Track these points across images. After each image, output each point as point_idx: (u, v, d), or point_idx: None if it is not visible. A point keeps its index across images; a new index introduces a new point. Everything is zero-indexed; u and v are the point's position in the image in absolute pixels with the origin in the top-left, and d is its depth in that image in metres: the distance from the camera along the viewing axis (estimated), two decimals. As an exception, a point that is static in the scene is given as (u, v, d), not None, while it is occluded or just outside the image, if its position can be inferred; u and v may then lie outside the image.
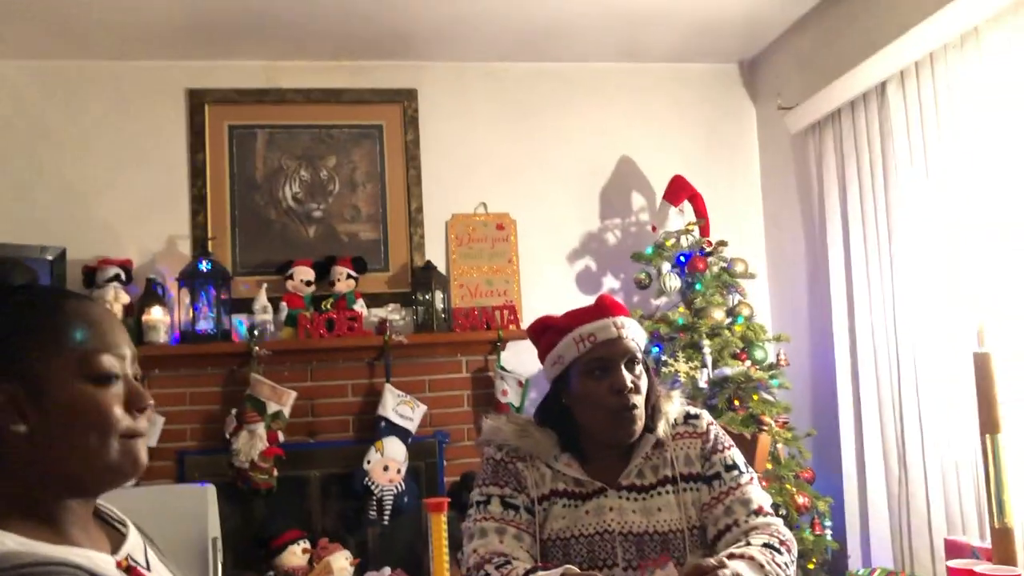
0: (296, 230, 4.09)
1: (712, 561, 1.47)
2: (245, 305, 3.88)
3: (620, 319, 1.77)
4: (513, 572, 1.59)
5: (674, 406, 1.84)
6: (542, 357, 1.85)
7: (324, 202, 4.12)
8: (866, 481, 3.48)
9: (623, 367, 1.74)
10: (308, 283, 3.91)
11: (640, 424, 1.75)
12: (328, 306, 3.89)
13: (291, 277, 3.91)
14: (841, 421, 3.62)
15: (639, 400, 1.74)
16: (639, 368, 1.77)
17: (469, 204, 4.24)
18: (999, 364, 2.40)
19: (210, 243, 3.90)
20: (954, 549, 2.62)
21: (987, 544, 2.53)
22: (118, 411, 1.03)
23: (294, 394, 3.76)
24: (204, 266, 3.75)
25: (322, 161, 4.13)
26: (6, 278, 1.07)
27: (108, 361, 1.03)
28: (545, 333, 1.84)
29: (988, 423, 2.38)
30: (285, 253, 4.01)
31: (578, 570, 1.53)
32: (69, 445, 1.00)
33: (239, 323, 3.87)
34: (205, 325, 3.75)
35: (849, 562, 3.54)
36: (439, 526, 1.22)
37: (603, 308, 1.80)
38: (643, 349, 1.82)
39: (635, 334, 1.79)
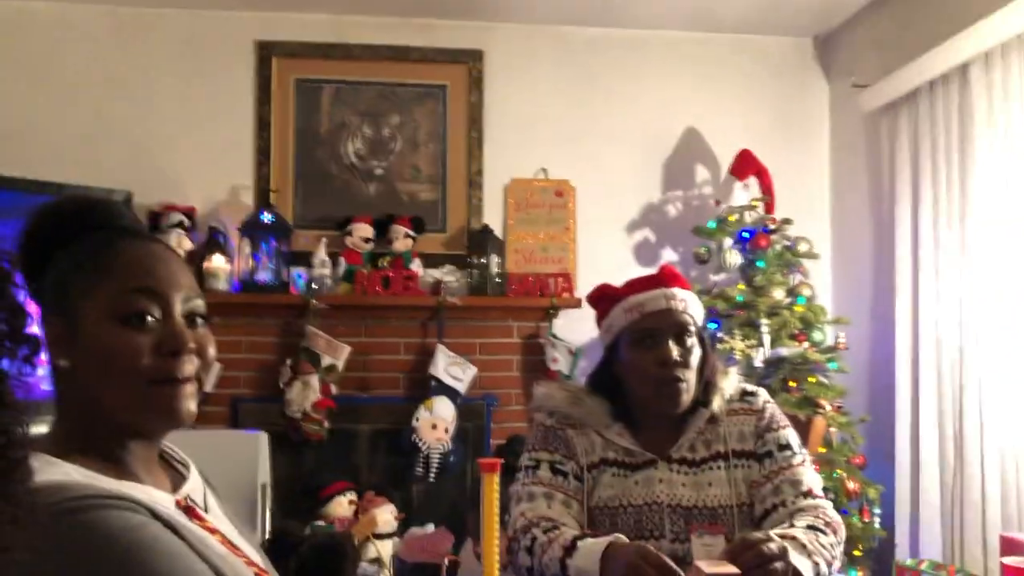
0: (357, 187, 4.10)
1: (760, 535, 1.45)
2: (304, 258, 3.92)
3: (674, 291, 1.76)
4: (561, 537, 1.59)
5: (731, 382, 1.83)
6: (597, 324, 1.85)
7: (385, 160, 4.12)
8: (919, 470, 3.41)
9: (671, 340, 1.72)
10: (367, 240, 3.93)
11: (687, 397, 1.74)
12: (385, 264, 3.91)
13: (350, 233, 3.93)
14: (897, 408, 3.55)
15: (686, 374, 1.72)
16: (691, 341, 1.75)
17: (529, 169, 4.21)
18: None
19: (272, 195, 3.94)
20: (1009, 546, 2.57)
21: (1044, 543, 2.47)
22: (145, 354, 0.99)
23: (348, 348, 3.80)
24: (266, 218, 3.79)
25: (385, 119, 4.13)
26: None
27: (140, 301, 0.99)
28: (601, 301, 1.85)
29: (1056, 420, 2.30)
30: (345, 209, 4.03)
31: (627, 539, 1.53)
32: (101, 386, 0.99)
33: (298, 276, 3.90)
34: (264, 276, 3.80)
35: (897, 551, 3.48)
36: (491, 486, 1.22)
37: (659, 279, 1.79)
38: (699, 323, 1.80)
39: (690, 307, 1.78)
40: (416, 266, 3.95)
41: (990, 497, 3.06)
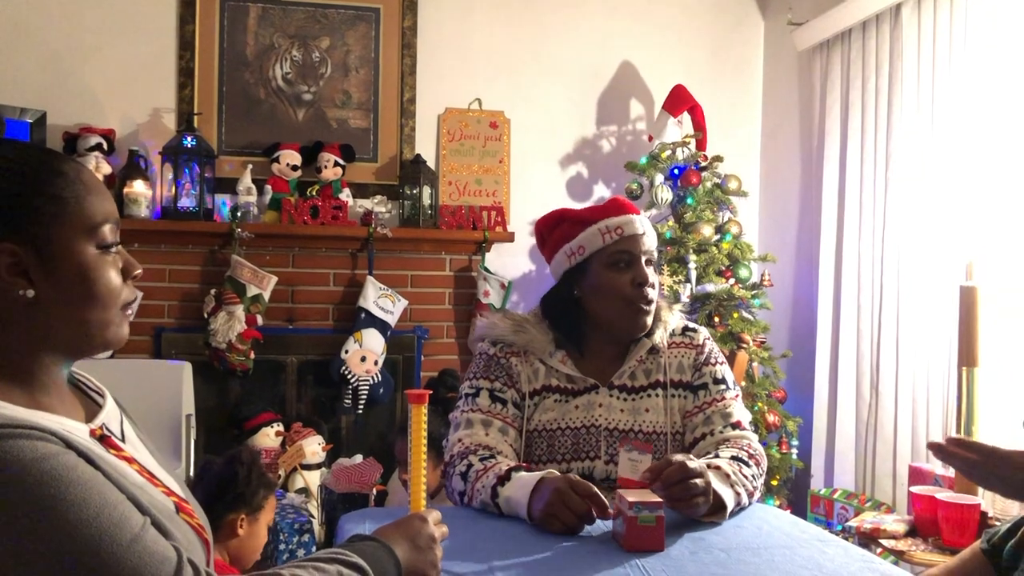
0: (285, 112, 3.98)
1: (684, 460, 1.47)
2: (228, 185, 3.81)
3: (644, 218, 1.82)
4: (496, 467, 1.60)
5: (674, 317, 1.89)
6: (554, 248, 1.84)
7: (315, 85, 4.00)
8: (836, 405, 3.53)
9: (644, 263, 1.78)
10: (294, 167, 3.84)
11: (650, 320, 1.79)
12: (313, 192, 3.83)
13: (277, 160, 3.83)
14: (818, 344, 3.66)
15: (655, 296, 1.79)
16: (655, 268, 1.81)
17: (463, 99, 4.13)
18: (984, 299, 2.40)
19: (196, 119, 3.80)
20: (918, 476, 2.68)
21: (950, 473, 2.59)
22: (118, 280, 1.03)
23: (275, 279, 3.73)
24: (189, 142, 3.66)
25: (315, 42, 4.00)
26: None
27: (111, 229, 1.02)
28: (561, 224, 1.84)
29: (967, 356, 2.40)
30: (272, 135, 3.92)
31: (558, 472, 1.54)
32: (74, 312, 0.99)
33: (222, 203, 3.80)
34: (187, 202, 3.68)
35: (812, 481, 3.62)
36: (419, 417, 1.21)
37: (621, 207, 1.82)
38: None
39: (653, 238, 1.83)
40: (346, 196, 3.87)
41: (901, 430, 3.19)
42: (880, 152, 3.38)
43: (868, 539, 2.47)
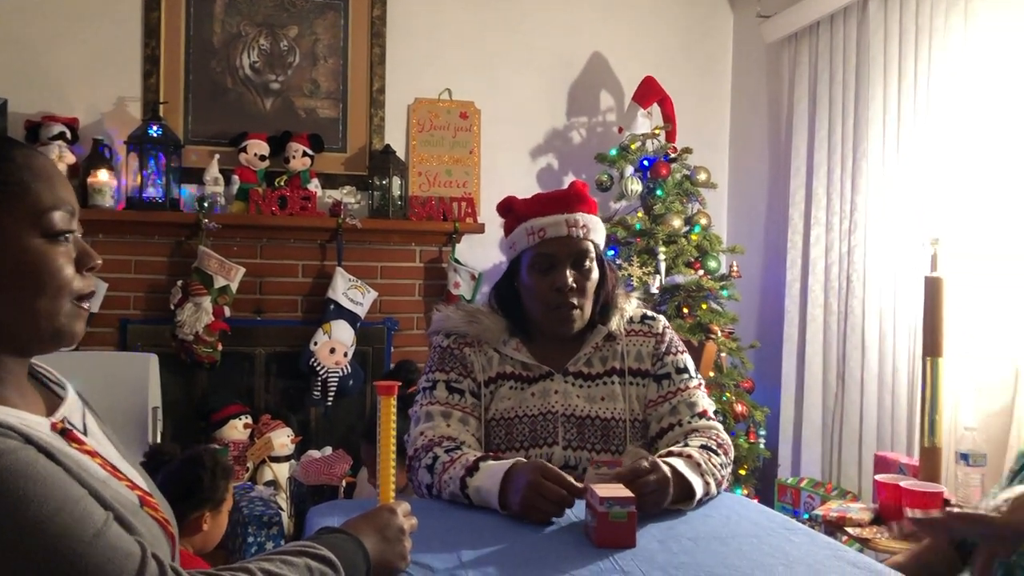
0: (252, 101, 3.94)
1: (646, 463, 1.49)
2: (195, 175, 3.76)
3: (576, 216, 1.76)
4: (463, 457, 1.60)
5: (631, 305, 1.88)
6: (505, 235, 1.85)
7: (283, 74, 3.96)
8: (803, 394, 3.57)
9: (569, 266, 1.74)
10: (262, 157, 3.80)
11: (579, 323, 1.78)
12: (281, 183, 3.79)
13: (244, 150, 3.79)
14: (785, 335, 3.69)
15: (580, 300, 1.76)
16: (589, 265, 1.77)
17: (433, 90, 4.11)
18: (949, 291, 2.44)
19: (161, 108, 3.74)
20: (882, 464, 2.72)
21: (914, 461, 2.62)
22: (70, 270, 0.99)
23: (242, 270, 3.69)
24: (154, 131, 3.61)
25: (283, 30, 3.96)
26: None
27: (61, 217, 0.99)
28: (508, 214, 1.85)
29: (932, 346, 2.43)
30: (239, 125, 3.87)
31: (525, 460, 1.55)
32: (19, 303, 0.96)
33: (187, 193, 3.75)
34: (153, 192, 3.63)
35: (779, 470, 3.66)
36: (388, 408, 1.21)
37: (565, 201, 1.78)
38: (600, 247, 1.81)
39: (592, 232, 1.78)
40: (314, 186, 3.84)
41: (867, 419, 3.23)
42: (847, 144, 3.41)
43: (834, 527, 2.50)
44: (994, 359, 2.66)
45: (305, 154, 3.82)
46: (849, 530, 2.44)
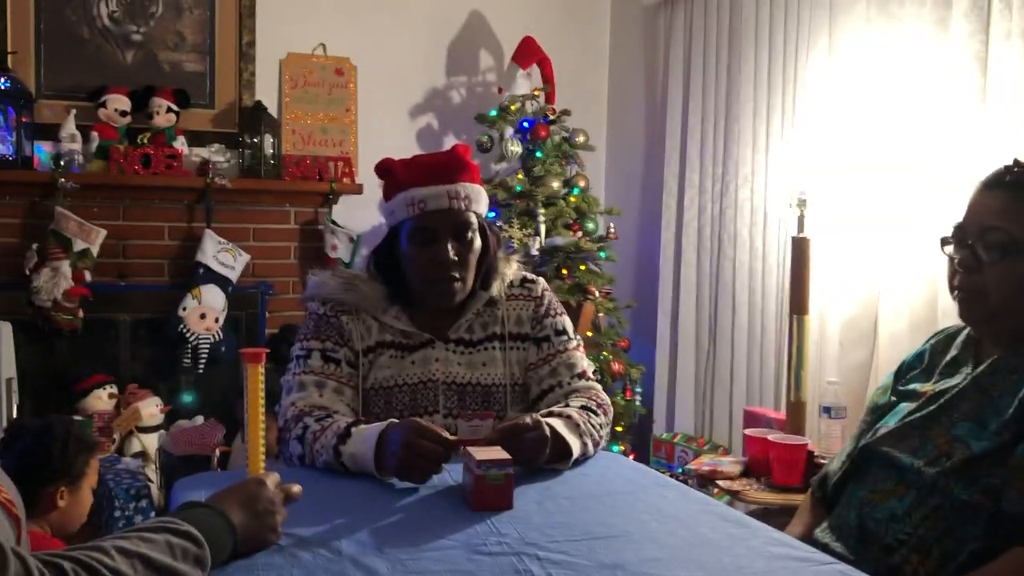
0: (111, 53, 3.71)
1: (528, 420, 1.49)
2: (50, 132, 3.52)
3: (457, 187, 1.70)
4: (334, 425, 1.56)
5: (511, 268, 1.85)
6: (384, 198, 1.78)
7: (145, 25, 3.73)
8: (677, 352, 3.67)
9: (450, 239, 1.69)
10: (123, 113, 3.59)
11: (460, 295, 1.74)
12: (145, 140, 3.60)
13: (104, 105, 3.57)
14: (660, 295, 3.78)
15: (462, 272, 1.72)
16: (471, 236, 1.72)
17: (307, 44, 3.97)
18: (814, 251, 2.53)
19: (9, 58, 3.47)
20: (751, 418, 2.82)
21: (781, 415, 2.74)
22: None
23: (104, 232, 3.50)
24: (2, 83, 3.35)
25: (144, -22, 3.73)
26: None
27: None
28: (387, 177, 1.76)
29: (798, 304, 2.52)
30: (98, 78, 3.64)
31: (398, 421, 1.52)
32: None
33: (42, 150, 3.52)
34: (3, 150, 3.38)
35: (654, 427, 3.76)
36: (256, 377, 1.16)
37: (445, 170, 1.71)
38: (482, 216, 1.77)
39: (474, 202, 1.73)
40: (180, 144, 3.66)
41: (737, 376, 3.35)
42: (720, 108, 3.49)
43: (706, 480, 2.58)
44: (854, 316, 2.80)
45: (170, 110, 3.63)
46: (720, 483, 2.53)
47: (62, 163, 3.45)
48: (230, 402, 3.49)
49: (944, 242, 1.54)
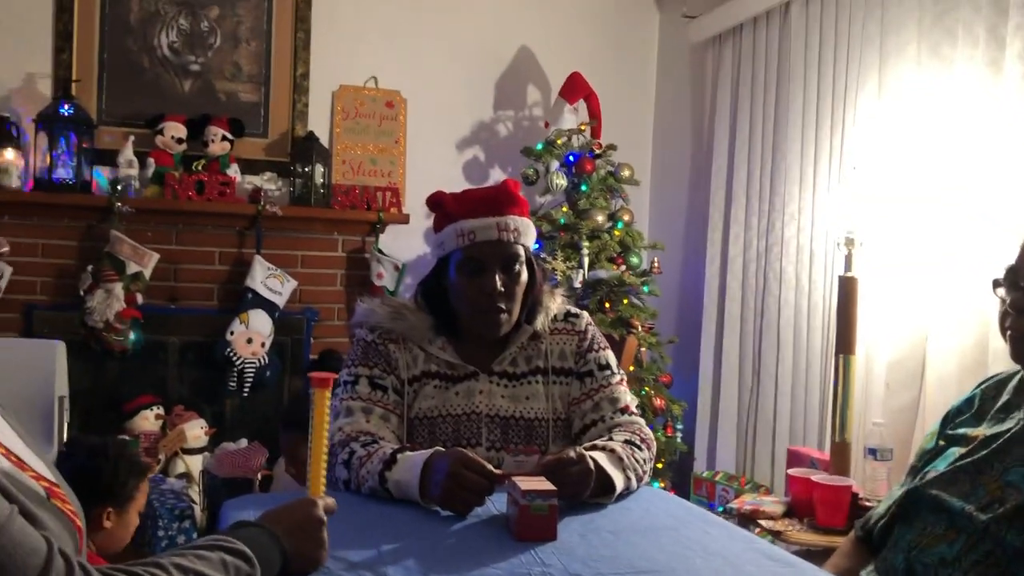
0: (170, 82, 3.82)
1: (572, 454, 1.50)
2: (109, 157, 3.63)
3: (507, 219, 1.73)
4: (380, 451, 1.58)
5: (556, 302, 1.87)
6: (434, 230, 1.81)
7: (203, 55, 3.85)
8: (720, 389, 3.65)
9: (498, 270, 1.72)
10: (179, 140, 3.69)
11: (507, 327, 1.76)
12: (199, 167, 3.69)
13: (161, 132, 3.67)
14: (703, 330, 3.76)
15: (509, 304, 1.74)
16: (518, 268, 1.75)
17: (359, 77, 4.05)
18: (862, 291, 2.51)
19: (74, 86, 3.59)
20: (795, 458, 2.79)
21: (825, 455, 2.70)
22: None
23: (156, 256, 3.58)
24: (66, 110, 3.46)
25: (204, 10, 3.84)
26: None
27: None
28: (437, 210, 1.80)
29: (845, 344, 2.50)
30: (156, 106, 3.75)
31: (444, 450, 1.53)
32: None
33: (100, 175, 3.62)
34: (63, 174, 3.49)
35: (695, 464, 3.73)
36: (322, 401, 1.18)
37: (495, 201, 1.74)
38: (529, 249, 1.79)
39: (522, 235, 1.75)
40: (233, 171, 3.75)
41: (780, 414, 3.31)
42: (767, 145, 3.49)
43: (747, 520, 2.55)
44: (901, 357, 2.76)
45: (224, 138, 3.72)
46: (762, 523, 2.50)
47: (119, 188, 3.54)
48: (274, 426, 3.52)
49: (996, 284, 1.52)
